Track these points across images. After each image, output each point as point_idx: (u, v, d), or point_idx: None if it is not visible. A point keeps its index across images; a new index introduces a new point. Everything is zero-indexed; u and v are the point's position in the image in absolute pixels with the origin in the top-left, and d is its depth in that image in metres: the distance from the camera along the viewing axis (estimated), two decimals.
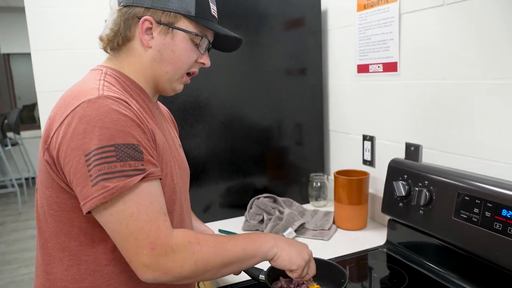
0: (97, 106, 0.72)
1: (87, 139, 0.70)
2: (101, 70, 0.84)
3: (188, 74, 0.91)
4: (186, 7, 0.83)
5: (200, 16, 0.85)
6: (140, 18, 0.82)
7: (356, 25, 1.47)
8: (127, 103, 0.76)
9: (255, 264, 0.86)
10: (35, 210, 0.85)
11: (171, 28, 0.83)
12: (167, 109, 1.10)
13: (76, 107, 0.72)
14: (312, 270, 0.93)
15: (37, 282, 0.84)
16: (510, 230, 0.88)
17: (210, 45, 0.91)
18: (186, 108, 1.44)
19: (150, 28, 0.83)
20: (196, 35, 0.86)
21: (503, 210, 0.90)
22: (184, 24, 0.84)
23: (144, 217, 0.72)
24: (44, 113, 2.01)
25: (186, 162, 1.01)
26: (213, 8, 0.89)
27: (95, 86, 0.76)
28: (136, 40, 0.85)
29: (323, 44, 1.65)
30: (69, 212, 0.78)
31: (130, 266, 0.73)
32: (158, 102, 1.04)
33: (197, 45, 0.87)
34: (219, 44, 0.94)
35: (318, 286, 0.95)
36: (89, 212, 0.72)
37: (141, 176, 0.72)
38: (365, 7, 1.42)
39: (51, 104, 1.98)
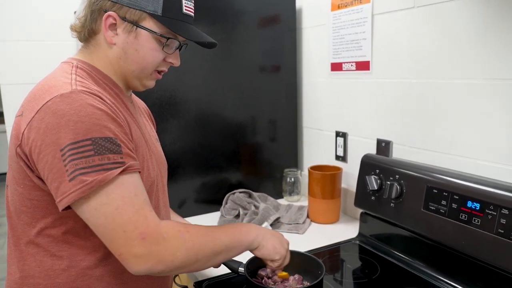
0: (70, 100, 0.70)
1: (62, 134, 0.68)
2: (72, 63, 0.81)
3: (157, 71, 0.88)
4: (153, 5, 0.79)
5: (167, 16, 0.80)
6: (106, 12, 0.79)
7: (330, 24, 1.50)
8: (100, 97, 0.74)
9: (240, 254, 0.87)
10: (6, 207, 0.82)
11: (135, 27, 0.80)
12: (144, 103, 1.09)
13: (47, 101, 0.70)
14: (288, 259, 0.96)
15: (9, 280, 0.82)
16: (474, 221, 0.95)
17: (181, 45, 0.86)
18: (162, 103, 1.43)
19: (115, 24, 0.80)
20: (162, 36, 0.81)
21: (468, 202, 0.96)
22: (149, 23, 0.80)
23: (131, 208, 0.71)
24: (8, 107, 1.92)
25: (164, 156, 1.00)
26: (186, 6, 0.84)
27: (67, 81, 0.74)
28: (102, 34, 0.82)
29: (297, 42, 1.68)
30: (41, 209, 0.76)
31: (119, 260, 0.72)
32: (134, 95, 1.03)
33: (164, 45, 0.83)
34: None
35: (286, 273, 0.98)
36: (66, 209, 0.70)
37: (121, 169, 0.71)
38: (339, 7, 1.46)
39: (15, 96, 1.91)
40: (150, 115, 1.09)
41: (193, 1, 0.87)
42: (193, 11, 0.87)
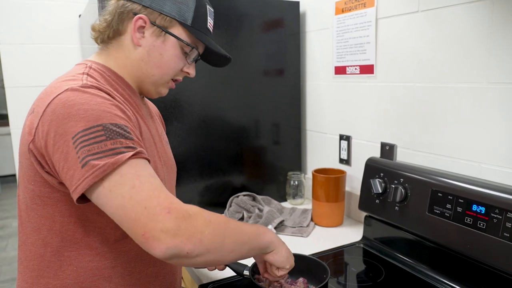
0: (80, 92, 0.72)
1: (73, 122, 0.68)
2: (86, 64, 0.83)
3: (174, 79, 0.92)
4: (183, 14, 0.84)
5: (195, 27, 0.85)
6: (136, 15, 0.82)
7: (334, 28, 1.51)
8: (109, 94, 0.76)
9: (256, 252, 0.84)
10: (17, 206, 0.83)
11: (164, 32, 0.83)
12: (155, 106, 1.10)
13: (58, 95, 0.71)
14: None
15: (20, 279, 0.82)
16: (480, 224, 0.95)
17: (199, 57, 0.91)
18: (166, 107, 1.44)
19: (143, 27, 0.83)
20: (188, 44, 0.86)
21: (474, 206, 0.97)
22: (177, 31, 0.84)
23: (148, 186, 0.68)
24: (13, 109, 1.94)
25: (173, 159, 1.01)
26: (210, 22, 0.90)
27: (78, 78, 0.76)
28: (127, 35, 0.84)
29: (301, 45, 1.69)
30: (51, 207, 0.77)
31: (141, 242, 0.66)
32: (146, 99, 1.04)
33: (186, 54, 0.88)
34: (208, 57, 0.95)
35: None
36: (81, 202, 0.69)
37: (133, 152, 0.69)
38: (343, 11, 1.46)
39: (20, 99, 1.92)
40: (161, 118, 1.10)
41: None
42: (212, 28, 0.92)
